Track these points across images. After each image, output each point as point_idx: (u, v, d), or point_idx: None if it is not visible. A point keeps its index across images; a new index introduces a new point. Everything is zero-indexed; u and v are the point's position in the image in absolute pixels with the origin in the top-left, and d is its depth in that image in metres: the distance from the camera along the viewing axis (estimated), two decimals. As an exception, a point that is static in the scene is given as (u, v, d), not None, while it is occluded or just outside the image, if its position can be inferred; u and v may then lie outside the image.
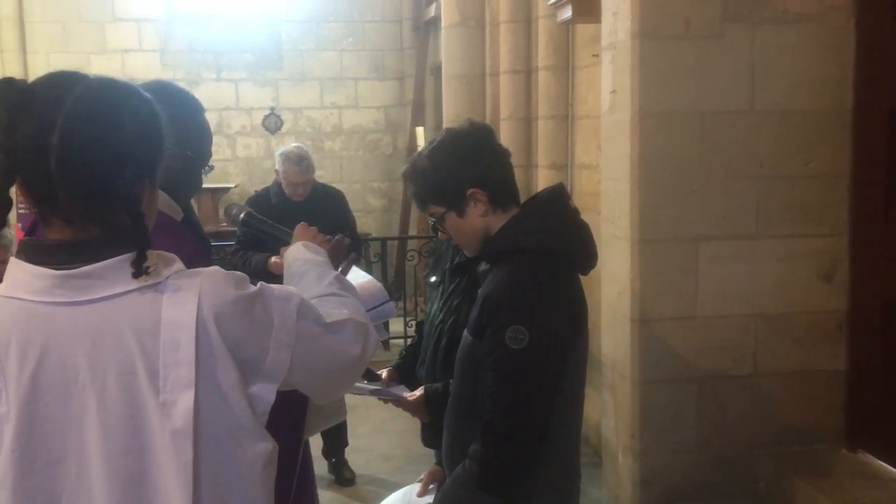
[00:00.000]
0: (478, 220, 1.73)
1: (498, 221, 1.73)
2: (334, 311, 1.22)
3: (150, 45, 8.22)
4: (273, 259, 3.44)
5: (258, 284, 1.14)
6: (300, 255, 1.45)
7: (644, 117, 2.82)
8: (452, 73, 4.79)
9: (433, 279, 2.28)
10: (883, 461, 2.88)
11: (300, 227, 1.59)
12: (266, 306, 1.12)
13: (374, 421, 4.57)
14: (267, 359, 1.11)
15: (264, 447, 1.12)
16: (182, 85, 1.76)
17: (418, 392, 2.09)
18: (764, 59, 2.86)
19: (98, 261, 1.05)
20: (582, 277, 1.80)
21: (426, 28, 7.83)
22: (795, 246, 2.97)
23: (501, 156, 1.78)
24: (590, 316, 1.82)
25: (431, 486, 2.09)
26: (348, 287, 1.36)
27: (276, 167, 3.89)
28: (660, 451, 2.95)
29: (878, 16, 2.83)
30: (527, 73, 4.48)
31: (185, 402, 1.03)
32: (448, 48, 4.82)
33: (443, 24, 4.88)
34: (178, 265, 1.10)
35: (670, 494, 2.95)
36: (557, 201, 1.75)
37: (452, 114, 4.80)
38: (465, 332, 1.71)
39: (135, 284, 1.05)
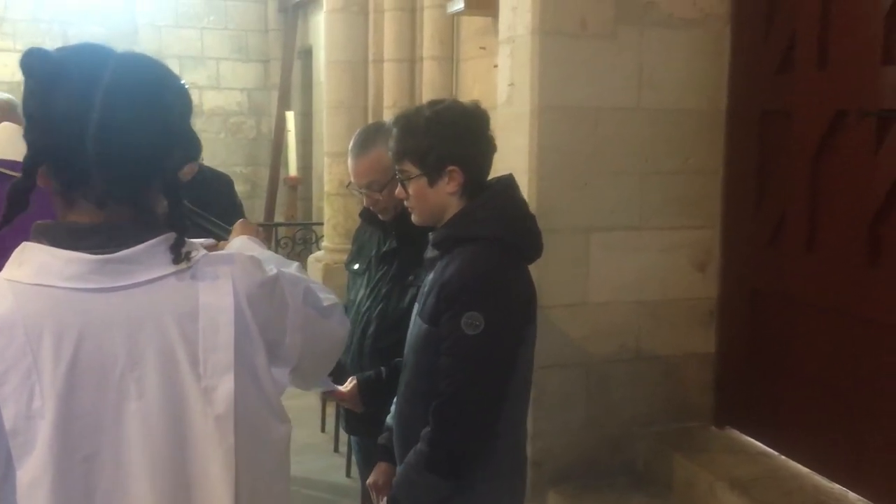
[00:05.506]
0: (444, 196, 1.74)
1: (457, 205, 1.74)
2: (322, 295, 1.21)
3: (-14, 11, 7.59)
4: None
5: (273, 268, 1.12)
6: (252, 249, 1.42)
7: (543, 111, 2.91)
8: (334, 58, 4.73)
9: (356, 267, 2.26)
10: (748, 436, 3.14)
11: (241, 223, 1.59)
12: (282, 289, 1.11)
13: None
14: (285, 342, 1.10)
15: (286, 429, 1.11)
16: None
17: (351, 382, 2.07)
18: (651, 61, 3.03)
19: (133, 245, 0.99)
20: None
21: (294, 10, 7.67)
22: (674, 237, 3.17)
23: (491, 149, 1.80)
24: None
25: None
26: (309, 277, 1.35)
27: None
28: (551, 433, 3.07)
29: (751, 24, 3.06)
30: (411, 62, 4.48)
31: (225, 386, 1.01)
32: (330, 33, 4.75)
33: (325, 8, 4.79)
34: (203, 249, 1.06)
35: (560, 474, 3.08)
36: (510, 191, 1.79)
37: (335, 99, 4.73)
38: (419, 321, 1.71)
39: (171, 269, 1.01)
